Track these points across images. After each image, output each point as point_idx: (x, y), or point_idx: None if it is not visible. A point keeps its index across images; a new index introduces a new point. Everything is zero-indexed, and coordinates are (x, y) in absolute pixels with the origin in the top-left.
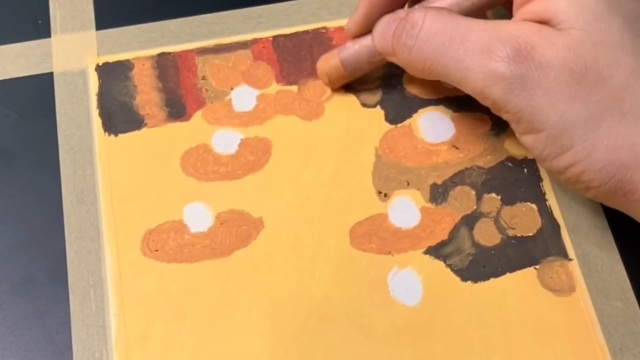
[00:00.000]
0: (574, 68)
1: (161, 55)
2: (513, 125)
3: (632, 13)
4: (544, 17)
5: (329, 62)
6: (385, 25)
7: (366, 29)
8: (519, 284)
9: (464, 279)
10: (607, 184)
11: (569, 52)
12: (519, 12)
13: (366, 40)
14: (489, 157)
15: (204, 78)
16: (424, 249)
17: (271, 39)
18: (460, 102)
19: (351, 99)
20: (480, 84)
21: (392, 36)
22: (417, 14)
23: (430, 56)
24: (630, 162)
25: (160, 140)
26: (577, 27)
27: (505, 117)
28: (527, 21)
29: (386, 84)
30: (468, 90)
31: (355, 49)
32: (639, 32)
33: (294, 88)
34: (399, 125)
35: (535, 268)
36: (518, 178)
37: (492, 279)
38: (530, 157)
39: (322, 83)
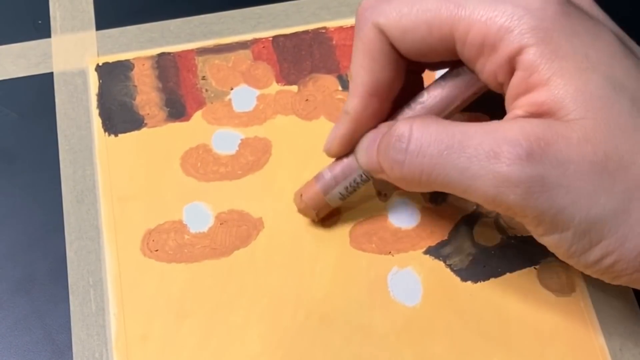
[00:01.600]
0: (594, 160)
1: (161, 55)
2: (530, 228)
3: (637, 93)
4: (549, 108)
5: (309, 195)
6: (370, 142)
7: (348, 149)
8: (519, 284)
9: (464, 279)
10: None
11: (586, 145)
12: (515, 105)
13: (346, 163)
14: None
15: (204, 78)
16: (423, 249)
17: (271, 39)
18: None
19: None
20: (492, 191)
21: (376, 153)
22: (401, 126)
23: (427, 168)
24: None
25: (160, 141)
26: (588, 116)
27: (521, 220)
28: (527, 118)
29: None
30: (475, 199)
31: (336, 179)
32: None
33: (294, 88)
34: None
35: (535, 268)
36: None
37: (492, 279)
38: None
39: (323, 83)
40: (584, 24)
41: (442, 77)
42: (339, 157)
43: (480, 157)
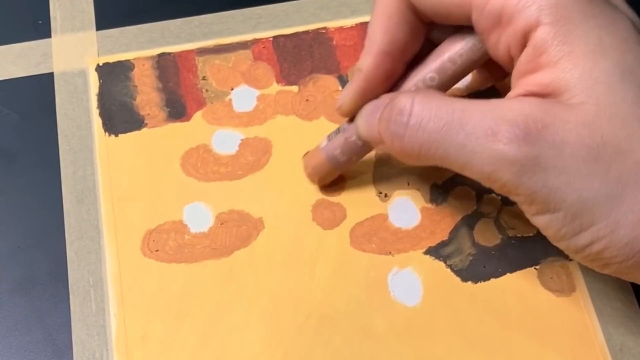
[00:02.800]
0: (591, 144)
1: (161, 55)
2: (523, 207)
3: None
4: (553, 90)
5: (310, 158)
6: (370, 113)
7: (359, 108)
8: (519, 284)
9: (464, 279)
10: (632, 259)
11: (584, 129)
12: (520, 83)
13: (350, 131)
14: None
15: (204, 78)
16: (424, 249)
17: (271, 39)
18: None
19: None
20: (488, 168)
21: (378, 124)
22: (403, 99)
23: (426, 143)
24: None
25: (161, 141)
26: (590, 101)
27: (514, 199)
28: (530, 96)
29: None
30: (472, 175)
31: (340, 142)
32: None
33: (294, 88)
34: None
35: (535, 268)
36: None
37: (492, 279)
38: None
39: (323, 83)
40: (602, 7)
41: (449, 45)
42: (349, 120)
43: (478, 135)
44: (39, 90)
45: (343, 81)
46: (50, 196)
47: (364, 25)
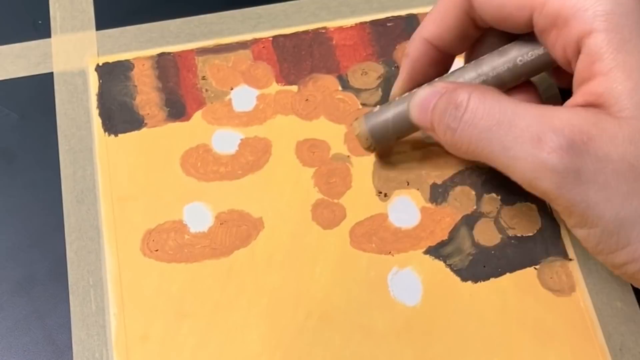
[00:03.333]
0: (634, 163)
1: (161, 55)
2: (564, 217)
3: None
4: (605, 101)
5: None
6: (424, 99)
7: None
8: (519, 284)
9: (464, 279)
10: None
11: (630, 146)
12: (579, 91)
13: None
14: None
15: (203, 78)
16: (424, 249)
17: (271, 39)
18: None
19: (352, 99)
20: (529, 175)
21: (431, 112)
22: (461, 94)
23: (475, 140)
24: None
25: (160, 140)
26: (639, 117)
27: (556, 208)
28: (584, 107)
29: (386, 84)
30: (514, 178)
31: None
32: None
33: (294, 88)
34: None
35: (535, 268)
36: None
37: (492, 279)
38: None
39: (323, 83)
40: None
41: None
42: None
43: (525, 139)
44: (39, 90)
45: (343, 81)
46: (50, 196)
47: (363, 25)
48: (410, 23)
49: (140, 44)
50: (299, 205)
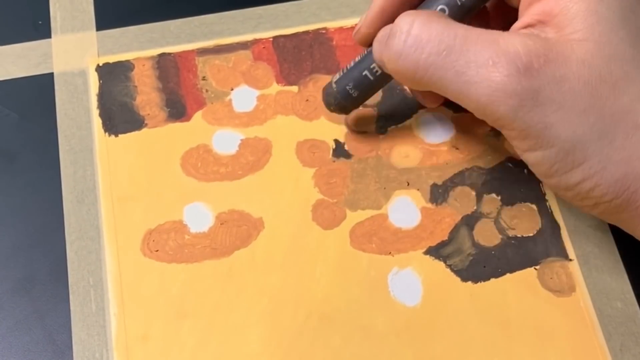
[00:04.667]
0: (589, 81)
1: (161, 55)
2: (515, 142)
3: None
4: (559, 21)
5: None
6: (381, 33)
7: (373, 31)
8: (519, 285)
9: (464, 279)
10: (620, 197)
11: (583, 66)
12: (528, 11)
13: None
14: (489, 157)
15: (204, 78)
16: (424, 249)
17: (271, 39)
18: None
19: None
20: (484, 99)
21: (378, 42)
22: (404, 19)
23: (422, 66)
24: None
25: (161, 141)
26: (591, 38)
27: (506, 133)
28: (534, 30)
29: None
30: (466, 105)
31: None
32: None
33: (294, 88)
34: (399, 125)
35: (535, 268)
36: (518, 178)
37: (492, 280)
38: None
39: (323, 84)
40: None
41: None
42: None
43: (479, 64)
44: (39, 90)
45: None
46: (50, 196)
47: None
48: None
49: (141, 44)
50: (299, 205)
